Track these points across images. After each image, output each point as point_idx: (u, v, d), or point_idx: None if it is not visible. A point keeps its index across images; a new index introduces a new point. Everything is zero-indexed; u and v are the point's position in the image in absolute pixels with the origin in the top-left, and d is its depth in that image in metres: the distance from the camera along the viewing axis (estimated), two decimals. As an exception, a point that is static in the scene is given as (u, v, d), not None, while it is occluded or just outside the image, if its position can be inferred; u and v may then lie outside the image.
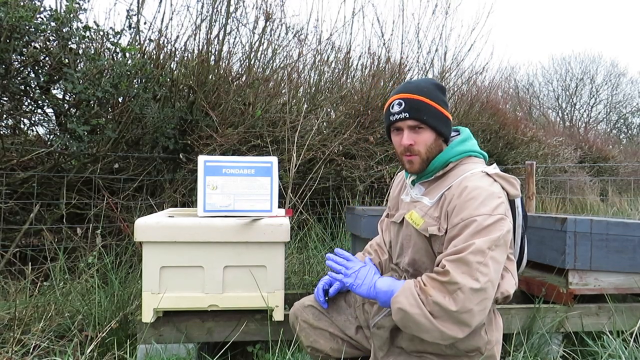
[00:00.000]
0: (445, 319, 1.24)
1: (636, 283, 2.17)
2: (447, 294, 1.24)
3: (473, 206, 1.30)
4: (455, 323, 1.24)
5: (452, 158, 1.44)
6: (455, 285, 1.23)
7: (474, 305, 1.22)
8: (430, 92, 1.42)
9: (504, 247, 1.29)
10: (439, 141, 1.45)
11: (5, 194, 2.99)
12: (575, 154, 9.34)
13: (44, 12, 3.04)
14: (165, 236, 1.82)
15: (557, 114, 21.60)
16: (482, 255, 1.24)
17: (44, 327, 2.06)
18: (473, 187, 1.34)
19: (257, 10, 4.02)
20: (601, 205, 6.97)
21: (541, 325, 2.09)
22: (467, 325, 1.25)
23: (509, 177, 1.43)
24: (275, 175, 1.96)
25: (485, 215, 1.28)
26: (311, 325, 1.64)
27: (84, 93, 3.00)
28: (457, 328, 1.25)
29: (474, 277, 1.23)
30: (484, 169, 1.42)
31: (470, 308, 1.22)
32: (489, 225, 1.27)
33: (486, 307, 1.25)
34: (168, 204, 3.49)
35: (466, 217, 1.30)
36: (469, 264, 1.23)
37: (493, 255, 1.26)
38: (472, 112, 6.28)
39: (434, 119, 1.41)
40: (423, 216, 1.44)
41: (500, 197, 1.34)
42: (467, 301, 1.22)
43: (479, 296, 1.23)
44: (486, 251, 1.25)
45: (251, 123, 3.77)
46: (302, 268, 3.17)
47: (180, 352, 1.91)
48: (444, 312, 1.24)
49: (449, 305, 1.23)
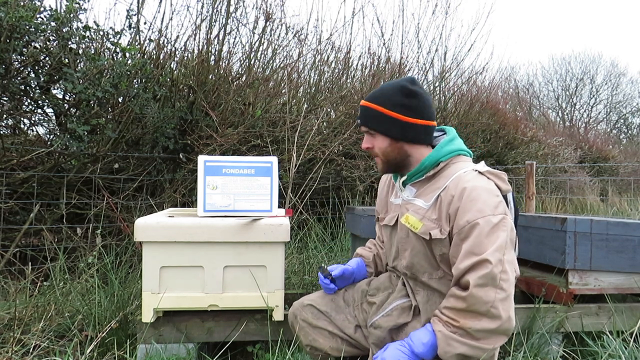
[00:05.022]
0: (493, 337, 1.29)
1: (636, 283, 2.17)
2: (483, 315, 1.28)
3: (476, 207, 1.33)
4: (501, 334, 1.30)
5: (442, 158, 1.47)
6: (486, 304, 1.27)
7: (509, 312, 1.28)
8: (387, 99, 1.46)
9: (511, 246, 1.34)
10: (399, 144, 1.48)
11: (5, 194, 2.99)
12: (575, 154, 9.34)
13: (44, 12, 3.04)
14: (165, 236, 1.82)
15: (557, 114, 21.60)
16: (501, 264, 1.28)
17: (44, 327, 2.06)
18: (472, 187, 1.36)
19: (257, 10, 4.02)
20: (601, 205, 6.97)
21: (541, 325, 2.09)
22: (509, 330, 1.30)
23: (499, 173, 1.47)
24: (275, 175, 1.96)
25: (490, 215, 1.32)
26: (310, 324, 1.65)
27: (84, 93, 3.00)
28: (504, 336, 1.31)
29: (501, 287, 1.27)
30: (475, 168, 1.45)
31: (507, 316, 1.28)
32: (495, 226, 1.31)
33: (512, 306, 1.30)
34: (168, 204, 3.49)
35: (472, 219, 1.32)
36: (493, 278, 1.27)
37: (507, 259, 1.30)
38: (472, 112, 6.27)
39: (383, 125, 1.47)
40: (421, 219, 1.45)
41: (498, 195, 1.39)
42: (502, 312, 1.27)
43: (508, 302, 1.28)
44: (504, 260, 1.29)
45: (251, 123, 3.77)
46: (302, 268, 3.17)
47: (180, 352, 1.91)
48: (489, 332, 1.28)
49: (490, 325, 1.27)
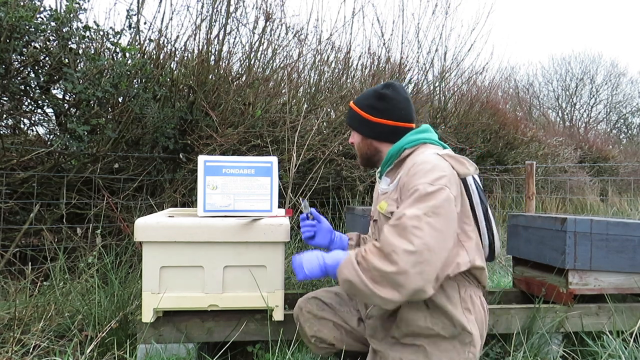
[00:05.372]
0: (383, 283, 1.28)
1: (636, 283, 2.17)
2: (384, 257, 1.29)
3: (416, 177, 1.40)
4: (392, 285, 1.27)
5: (406, 145, 1.57)
6: (390, 246, 1.28)
7: (409, 267, 1.25)
8: (363, 101, 1.65)
9: (445, 218, 1.32)
10: (369, 141, 1.66)
11: (5, 194, 2.99)
12: (575, 154, 9.34)
13: (44, 12, 3.04)
14: (165, 236, 1.82)
15: (557, 114, 21.60)
16: (418, 220, 1.29)
17: (44, 327, 2.06)
18: (419, 161, 1.45)
19: (257, 10, 4.02)
20: (601, 205, 6.97)
21: (541, 325, 2.09)
22: (403, 287, 1.27)
23: (458, 157, 1.51)
24: (275, 175, 1.96)
25: (426, 184, 1.36)
26: (315, 315, 1.70)
27: (84, 93, 3.00)
28: (394, 291, 1.27)
29: (408, 239, 1.27)
30: (436, 152, 1.51)
31: (405, 269, 1.25)
32: (429, 194, 1.34)
33: (424, 272, 1.26)
34: (168, 204, 3.49)
35: (411, 187, 1.39)
36: (405, 227, 1.29)
37: (430, 221, 1.30)
38: (472, 112, 6.28)
39: (357, 123, 1.66)
40: (387, 201, 1.54)
41: (445, 171, 1.41)
42: (402, 262, 1.25)
43: (414, 258, 1.25)
44: (422, 216, 1.30)
45: (251, 123, 3.77)
46: (302, 268, 3.16)
47: (180, 352, 1.91)
48: (381, 275, 1.28)
49: (385, 267, 1.27)
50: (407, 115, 1.62)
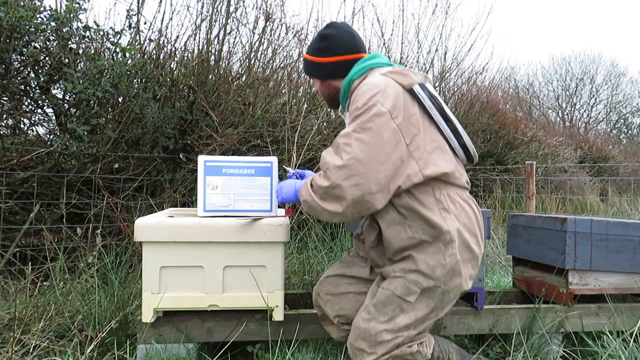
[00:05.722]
0: (327, 198, 1.44)
1: (636, 283, 2.17)
2: (323, 174, 1.46)
3: (354, 103, 1.49)
4: (334, 199, 1.43)
5: (354, 76, 1.61)
6: (325, 165, 1.45)
7: (341, 180, 1.40)
8: (310, 47, 1.71)
9: (376, 131, 1.42)
10: (327, 82, 1.71)
11: (5, 194, 2.99)
12: (575, 154, 9.34)
13: (44, 12, 3.04)
14: (165, 236, 1.82)
15: (557, 114, 21.59)
16: (348, 137, 1.43)
17: (44, 327, 2.06)
18: (361, 88, 1.51)
19: (257, 10, 4.02)
20: (601, 205, 6.97)
21: (541, 325, 2.09)
22: (342, 199, 1.42)
23: (402, 70, 1.60)
24: (275, 175, 1.96)
25: (359, 105, 1.46)
26: (333, 294, 1.74)
27: (84, 93, 3.00)
28: (337, 204, 1.43)
29: (339, 155, 1.43)
30: (380, 72, 1.56)
31: (338, 183, 1.40)
32: (360, 113, 1.44)
33: (360, 184, 1.40)
34: (168, 204, 3.49)
35: (351, 113, 1.49)
36: (338, 145, 1.45)
37: (358, 136, 1.42)
38: (472, 112, 6.28)
39: (310, 70, 1.73)
40: None
41: (379, 87, 1.47)
42: (333, 177, 1.41)
43: (343, 172, 1.40)
44: (351, 133, 1.43)
45: (251, 123, 3.77)
46: (302, 268, 3.17)
47: (180, 352, 1.91)
48: (324, 191, 1.44)
49: (323, 183, 1.43)
50: (351, 46, 1.65)
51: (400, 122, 1.45)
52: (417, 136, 1.49)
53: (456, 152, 1.61)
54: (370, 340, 1.51)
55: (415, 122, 1.49)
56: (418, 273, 1.50)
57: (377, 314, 1.53)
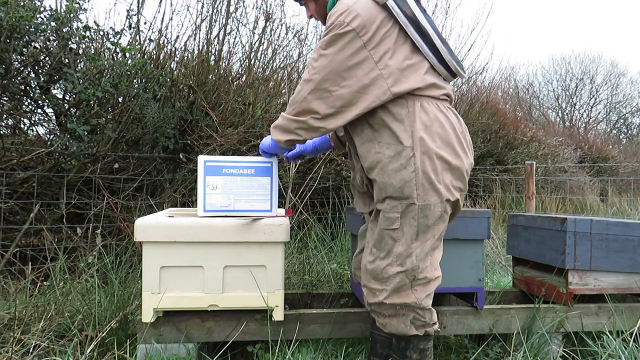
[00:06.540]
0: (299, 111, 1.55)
1: (636, 283, 2.17)
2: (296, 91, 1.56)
3: (328, 20, 1.52)
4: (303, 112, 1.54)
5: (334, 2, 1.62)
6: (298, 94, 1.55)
7: (306, 93, 1.52)
8: None
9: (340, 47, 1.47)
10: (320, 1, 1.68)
11: (5, 194, 2.99)
12: (575, 154, 9.33)
13: (44, 12, 3.04)
14: (165, 236, 1.82)
15: (557, 114, 21.58)
16: (316, 54, 1.52)
17: (44, 327, 2.06)
18: (336, 5, 1.54)
19: (257, 10, 4.02)
20: (601, 205, 6.97)
21: (541, 325, 2.09)
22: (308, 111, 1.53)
23: None
24: (275, 175, 1.96)
25: (329, 25, 1.50)
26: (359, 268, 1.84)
27: (84, 93, 3.00)
28: (306, 116, 1.54)
29: (308, 71, 1.54)
30: None
31: (304, 96, 1.52)
32: (328, 31, 1.49)
33: (323, 98, 1.50)
34: (168, 204, 3.49)
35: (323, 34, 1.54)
36: (309, 64, 1.54)
37: (324, 52, 1.49)
38: (472, 112, 6.27)
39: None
40: None
41: (348, 6, 1.48)
42: (302, 90, 1.53)
43: (308, 86, 1.51)
44: (318, 49, 1.51)
45: (251, 123, 3.77)
46: (302, 268, 3.17)
47: (180, 352, 1.91)
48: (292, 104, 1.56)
49: (293, 97, 1.55)
50: None
51: (368, 39, 1.47)
52: (387, 54, 1.49)
53: (435, 69, 1.59)
54: (379, 278, 1.58)
55: (386, 40, 1.49)
56: (390, 199, 1.55)
57: (378, 252, 1.60)
